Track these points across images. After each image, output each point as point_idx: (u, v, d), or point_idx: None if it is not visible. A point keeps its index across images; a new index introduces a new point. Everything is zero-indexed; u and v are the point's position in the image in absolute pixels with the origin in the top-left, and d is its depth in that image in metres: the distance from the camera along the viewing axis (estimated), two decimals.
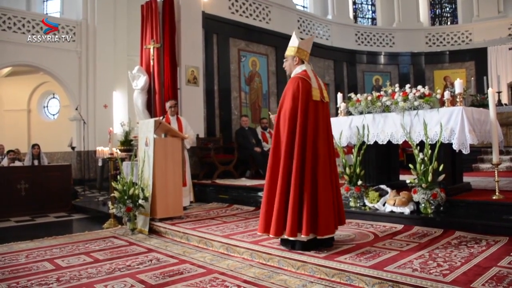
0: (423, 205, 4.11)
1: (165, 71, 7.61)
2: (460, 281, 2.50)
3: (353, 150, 4.79)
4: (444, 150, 4.23)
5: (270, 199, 3.39)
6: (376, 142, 4.77)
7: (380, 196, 4.58)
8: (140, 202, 4.82)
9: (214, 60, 8.75)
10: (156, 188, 4.97)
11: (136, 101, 7.76)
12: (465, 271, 2.69)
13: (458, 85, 4.34)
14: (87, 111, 10.73)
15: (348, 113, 5.20)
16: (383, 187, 4.73)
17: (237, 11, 9.40)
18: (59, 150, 11.79)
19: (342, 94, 5.61)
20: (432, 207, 4.08)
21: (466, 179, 5.18)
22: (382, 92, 4.88)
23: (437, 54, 12.64)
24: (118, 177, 5.04)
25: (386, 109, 4.70)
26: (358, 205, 4.73)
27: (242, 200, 6.21)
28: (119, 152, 6.57)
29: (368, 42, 12.67)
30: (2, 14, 9.53)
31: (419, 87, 4.51)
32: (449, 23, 13.50)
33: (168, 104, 6.41)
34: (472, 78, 11.40)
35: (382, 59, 12.70)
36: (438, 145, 4.05)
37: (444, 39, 12.77)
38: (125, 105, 11.70)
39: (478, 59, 12.02)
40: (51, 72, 10.46)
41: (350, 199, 4.78)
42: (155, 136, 5.14)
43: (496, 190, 4.11)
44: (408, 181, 4.25)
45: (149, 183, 4.99)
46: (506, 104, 9.34)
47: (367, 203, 4.63)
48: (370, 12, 13.65)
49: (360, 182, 4.69)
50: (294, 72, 3.59)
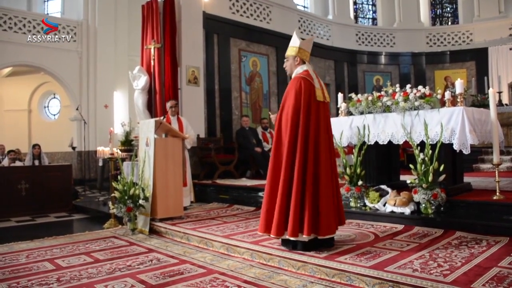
0: (423, 205, 4.10)
1: (165, 71, 7.61)
2: (461, 281, 2.50)
3: (353, 150, 4.79)
4: (445, 150, 4.23)
5: (271, 199, 3.38)
6: (376, 142, 4.77)
7: (381, 196, 4.58)
8: (140, 202, 4.82)
9: (214, 60, 8.75)
10: (157, 188, 4.97)
11: (136, 101, 7.76)
12: (465, 271, 2.69)
13: (459, 85, 4.34)
14: (88, 111, 10.74)
15: (349, 113, 5.20)
16: (384, 187, 4.73)
17: (237, 11, 9.41)
18: (60, 150, 11.80)
19: (342, 94, 5.61)
20: (433, 207, 4.08)
21: (467, 179, 5.18)
22: (382, 92, 4.88)
23: (437, 54, 12.63)
24: (119, 177, 5.04)
25: (387, 109, 4.70)
26: (359, 205, 4.72)
27: (242, 200, 6.21)
28: (120, 152, 6.56)
29: (369, 42, 12.66)
30: (3, 14, 9.54)
31: (420, 87, 4.51)
32: (449, 23, 13.49)
33: (168, 104, 6.42)
34: (473, 78, 11.38)
35: (383, 59, 12.69)
36: (438, 145, 4.05)
37: (444, 39, 12.76)
38: (125, 105, 11.71)
39: (478, 59, 12.01)
40: (52, 72, 10.46)
41: (351, 199, 4.78)
42: (156, 136, 5.15)
43: (497, 190, 4.11)
44: (408, 181, 4.25)
45: (149, 183, 4.99)
46: (506, 104, 9.32)
47: (367, 203, 4.63)
48: (371, 12, 13.65)
49: (360, 182, 4.69)
50: (295, 72, 3.58)
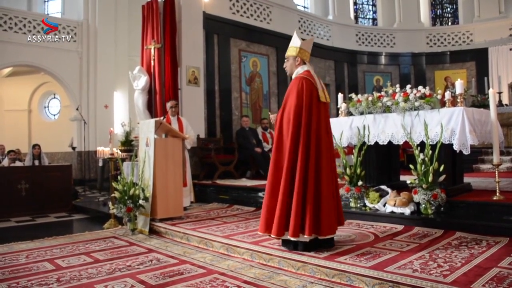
0: (423, 205, 4.10)
1: (165, 72, 7.61)
2: (461, 281, 2.50)
3: (353, 151, 4.79)
4: (445, 151, 4.23)
5: (272, 199, 3.37)
6: (376, 143, 4.77)
7: (381, 196, 4.58)
8: (140, 202, 4.82)
9: (214, 61, 8.75)
10: (157, 188, 4.97)
11: (136, 101, 7.76)
12: (465, 271, 2.69)
13: (459, 85, 4.34)
14: (88, 111, 10.73)
15: (349, 113, 5.19)
16: (384, 187, 4.73)
17: (238, 11, 9.41)
18: (60, 150, 11.80)
19: (342, 95, 5.61)
20: (433, 208, 4.08)
21: (467, 179, 5.18)
22: (382, 93, 4.89)
23: (438, 55, 12.63)
24: (119, 177, 5.04)
25: (387, 109, 4.70)
26: (359, 205, 4.72)
27: (242, 201, 6.21)
28: (120, 153, 6.57)
29: (369, 43, 12.66)
30: (3, 14, 9.54)
31: (420, 88, 4.51)
32: (450, 23, 13.49)
33: (168, 104, 6.42)
34: (473, 79, 11.39)
35: (383, 60, 12.70)
36: (438, 145, 4.05)
37: (445, 39, 12.76)
38: (125, 105, 11.70)
39: (479, 59, 12.01)
40: (52, 72, 10.46)
41: (351, 200, 4.78)
42: (156, 137, 5.15)
43: (497, 190, 4.11)
44: (408, 181, 4.25)
45: (149, 183, 4.99)
46: (507, 105, 9.33)
47: (367, 203, 4.63)
48: (371, 12, 13.65)
49: (360, 183, 4.69)
50: (296, 73, 3.58)
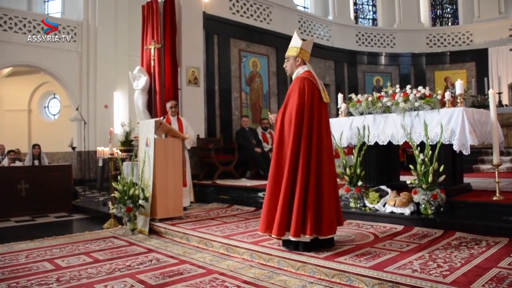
0: (423, 206, 4.10)
1: (165, 72, 7.61)
2: (460, 282, 2.50)
3: (353, 151, 4.79)
4: (445, 151, 4.23)
5: (273, 198, 3.36)
6: (376, 143, 4.76)
7: (381, 196, 4.58)
8: (140, 202, 4.82)
9: (214, 61, 8.75)
10: (157, 188, 4.97)
11: (136, 101, 7.76)
12: (465, 272, 2.69)
13: (459, 86, 4.34)
14: (88, 111, 10.74)
15: (349, 113, 5.19)
16: (384, 187, 4.73)
17: (238, 11, 9.41)
18: (60, 150, 11.80)
19: (342, 95, 5.61)
20: (432, 208, 4.08)
21: (467, 180, 5.18)
22: (382, 93, 4.88)
23: (437, 55, 12.63)
24: (119, 177, 5.04)
25: (387, 109, 4.70)
26: (358, 205, 4.72)
27: (242, 201, 6.21)
28: (120, 153, 6.56)
29: (369, 43, 12.67)
30: (3, 14, 9.54)
31: (420, 88, 4.51)
32: (450, 24, 13.49)
33: (168, 104, 6.42)
34: (473, 79, 11.39)
35: (383, 60, 12.70)
36: (438, 146, 4.05)
37: (445, 39, 12.76)
38: (125, 105, 11.70)
39: (479, 60, 12.01)
40: (52, 72, 10.47)
41: (351, 200, 4.77)
42: (156, 137, 5.15)
43: (497, 191, 4.11)
44: (408, 181, 4.24)
45: (149, 183, 4.99)
46: (506, 105, 9.33)
47: (367, 203, 4.63)
48: (371, 12, 13.65)
49: (360, 183, 4.69)
50: (297, 73, 3.57)
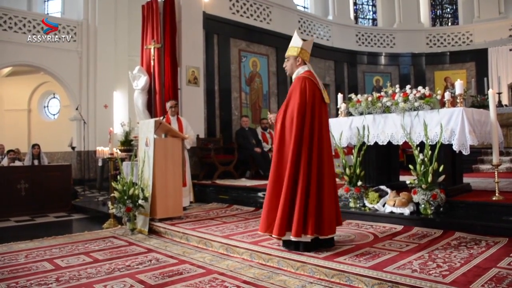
0: (423, 206, 4.10)
1: (165, 71, 7.61)
2: (460, 282, 2.50)
3: (353, 151, 4.79)
4: (444, 151, 4.23)
5: (274, 198, 3.36)
6: (376, 143, 4.77)
7: (380, 196, 4.58)
8: (140, 202, 4.82)
9: (214, 61, 8.75)
10: (156, 188, 4.97)
11: (136, 101, 7.76)
12: (464, 272, 2.69)
13: (459, 86, 4.34)
14: (88, 111, 10.74)
15: (349, 113, 5.19)
16: (383, 187, 4.73)
17: (237, 11, 9.41)
18: (59, 150, 11.79)
19: (342, 95, 5.61)
20: (432, 208, 4.07)
21: (466, 180, 5.17)
22: (382, 93, 4.88)
23: (437, 55, 12.64)
24: (118, 177, 5.04)
25: (387, 109, 4.70)
26: (358, 205, 4.72)
27: (242, 201, 6.20)
28: (119, 152, 6.57)
29: (369, 43, 12.67)
30: (3, 14, 9.54)
31: (420, 88, 4.51)
32: (449, 24, 13.49)
33: (168, 104, 6.42)
34: (473, 79, 11.39)
35: (383, 60, 12.70)
36: (438, 146, 4.05)
37: (444, 40, 12.77)
38: (125, 105, 11.71)
39: (478, 60, 12.02)
40: (52, 72, 10.47)
41: (350, 200, 4.77)
42: (155, 136, 5.14)
43: (496, 191, 4.11)
44: (408, 181, 4.24)
45: (149, 183, 4.99)
46: (506, 105, 9.33)
47: (367, 203, 4.63)
48: (371, 12, 13.65)
49: (360, 183, 4.69)
50: (297, 73, 3.57)
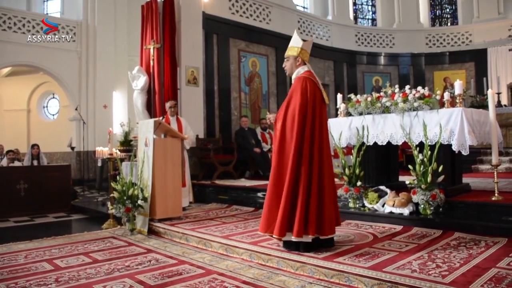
0: (422, 206, 4.10)
1: (165, 72, 7.61)
2: (459, 282, 2.50)
3: (352, 151, 4.79)
4: (444, 151, 4.23)
5: (275, 198, 3.35)
6: (375, 143, 4.77)
7: (380, 197, 4.58)
8: (139, 202, 4.82)
9: (214, 61, 8.75)
10: (156, 188, 4.97)
11: (136, 101, 7.76)
12: (464, 272, 2.69)
13: (458, 86, 4.34)
14: (87, 111, 10.73)
15: (348, 114, 5.19)
16: (383, 188, 4.73)
17: (237, 11, 9.41)
18: (59, 150, 11.78)
19: (342, 95, 5.61)
20: (431, 208, 4.08)
21: (466, 180, 5.18)
22: (382, 93, 4.88)
23: (437, 55, 12.64)
24: (118, 177, 5.03)
25: (386, 110, 4.70)
26: (358, 206, 4.72)
27: (241, 201, 6.20)
28: (119, 153, 6.57)
29: (368, 43, 12.67)
30: (2, 14, 9.53)
31: (419, 88, 4.51)
32: (449, 24, 13.50)
33: (168, 104, 6.42)
34: (472, 79, 11.41)
35: (382, 60, 12.70)
36: (437, 146, 4.05)
37: (444, 40, 12.77)
38: (125, 105, 11.70)
39: (478, 60, 12.02)
40: (51, 72, 10.46)
41: (350, 200, 4.78)
42: (155, 137, 5.14)
43: (495, 191, 4.11)
44: (407, 182, 4.25)
45: (148, 183, 4.99)
46: (505, 105, 9.35)
47: (366, 204, 4.63)
48: (370, 13, 13.65)
49: (359, 183, 4.69)
50: (297, 73, 3.57)
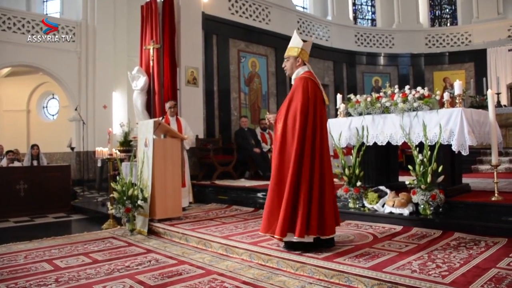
0: (422, 206, 4.10)
1: (164, 72, 7.61)
2: (459, 282, 2.51)
3: (352, 151, 4.79)
4: (443, 151, 4.23)
5: (276, 198, 3.35)
6: (375, 143, 4.77)
7: (379, 197, 4.58)
8: (139, 202, 4.82)
9: (213, 61, 8.75)
10: (155, 189, 4.97)
11: (135, 101, 7.76)
12: (464, 272, 2.69)
13: (458, 86, 4.34)
14: (87, 111, 10.73)
15: (348, 114, 5.19)
16: (382, 188, 4.73)
17: (237, 11, 9.41)
18: (58, 151, 11.79)
19: (341, 95, 5.61)
20: (431, 208, 4.08)
21: (465, 180, 5.18)
22: (381, 93, 4.88)
23: (436, 55, 12.65)
24: (117, 177, 5.03)
25: (386, 110, 4.70)
26: (357, 206, 4.72)
27: (241, 201, 6.20)
28: (118, 153, 6.57)
29: (368, 43, 12.67)
30: (2, 15, 9.54)
31: (419, 88, 4.51)
32: (448, 24, 13.51)
33: (167, 104, 6.42)
34: (472, 80, 11.42)
35: (382, 60, 12.71)
36: (437, 146, 4.05)
37: (443, 40, 12.78)
38: (124, 105, 11.70)
39: (477, 60, 12.03)
40: (51, 73, 10.47)
41: (349, 200, 4.78)
42: (155, 137, 5.14)
43: (495, 191, 4.11)
44: (407, 182, 4.25)
45: (148, 183, 4.99)
46: (505, 106, 9.36)
47: (366, 204, 4.63)
48: (370, 13, 13.66)
49: (359, 183, 4.69)
50: (297, 73, 3.57)
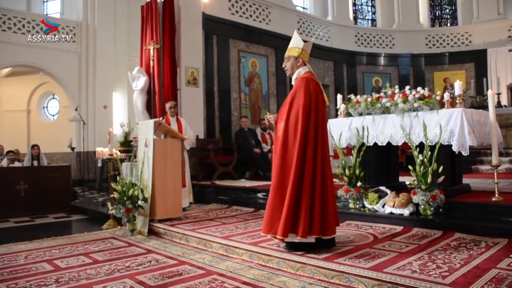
0: (422, 206, 4.10)
1: (165, 72, 7.61)
2: (460, 283, 2.50)
3: (352, 152, 4.79)
4: (444, 152, 4.23)
5: (278, 199, 3.35)
6: (375, 144, 4.77)
7: (380, 197, 4.58)
8: (139, 203, 4.82)
9: (214, 61, 8.76)
10: (156, 189, 4.97)
11: (135, 102, 7.76)
12: (464, 273, 2.69)
13: (458, 86, 4.34)
14: (87, 111, 10.73)
15: (348, 114, 5.20)
16: (383, 188, 4.73)
17: (237, 12, 9.42)
18: (59, 151, 11.79)
19: (342, 96, 5.61)
20: (432, 209, 4.08)
21: (466, 180, 5.18)
22: (381, 94, 4.88)
23: (437, 56, 12.66)
24: (118, 178, 5.04)
25: (386, 110, 4.70)
26: (358, 206, 4.72)
27: (241, 201, 6.20)
28: (119, 153, 6.57)
29: (368, 44, 12.68)
30: (2, 15, 9.54)
31: (419, 89, 4.51)
32: (449, 24, 13.51)
33: (168, 105, 6.42)
34: (472, 80, 11.42)
35: (382, 61, 12.71)
36: (437, 146, 4.05)
37: (444, 40, 12.78)
38: (125, 106, 11.71)
39: (478, 60, 12.03)
40: (51, 73, 10.47)
41: (350, 201, 4.78)
42: (155, 137, 5.14)
43: (496, 191, 4.11)
44: (407, 182, 4.24)
45: (148, 184, 4.99)
46: (505, 106, 9.35)
47: (366, 204, 4.63)
48: (370, 13, 13.66)
49: (359, 184, 4.69)
50: (298, 73, 3.58)
